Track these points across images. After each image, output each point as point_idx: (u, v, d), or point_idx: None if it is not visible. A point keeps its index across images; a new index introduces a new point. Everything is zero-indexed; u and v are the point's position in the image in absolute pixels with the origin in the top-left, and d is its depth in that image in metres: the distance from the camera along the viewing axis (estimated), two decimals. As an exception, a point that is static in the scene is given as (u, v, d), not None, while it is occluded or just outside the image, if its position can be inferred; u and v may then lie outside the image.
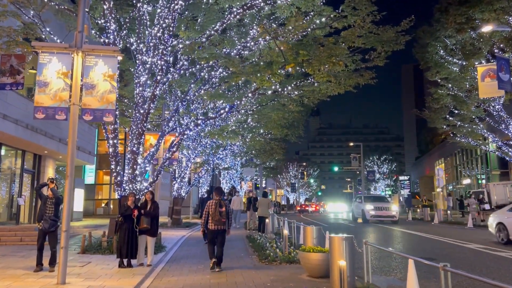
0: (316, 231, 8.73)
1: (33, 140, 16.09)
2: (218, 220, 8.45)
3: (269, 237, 13.35)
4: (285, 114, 15.33)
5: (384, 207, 25.05)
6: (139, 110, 11.95)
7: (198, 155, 22.78)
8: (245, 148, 24.72)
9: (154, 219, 9.46)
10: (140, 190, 11.96)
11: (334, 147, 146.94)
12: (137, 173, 11.88)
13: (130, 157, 11.81)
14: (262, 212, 15.76)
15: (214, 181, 50.57)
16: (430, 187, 65.09)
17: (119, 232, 9.30)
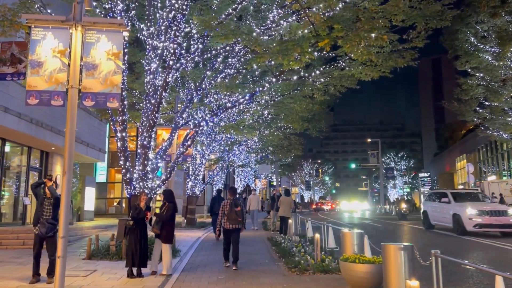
0: (357, 236, 7.42)
1: (38, 136, 15.06)
2: (234, 219, 8.65)
3: (294, 240, 12.07)
4: (308, 104, 14.02)
5: (498, 211, 15.27)
6: (150, 100, 10.77)
7: (212, 152, 21.59)
8: (261, 144, 23.40)
9: (166, 223, 8.23)
10: (152, 188, 10.79)
11: (348, 144, 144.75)
12: (149, 169, 10.72)
13: (141, 152, 10.65)
14: (284, 212, 14.49)
15: (228, 179, 49.50)
16: (450, 185, 62.96)
17: (128, 237, 8.12)
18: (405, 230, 18.79)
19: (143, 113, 11.03)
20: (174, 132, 11.41)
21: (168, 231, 8.21)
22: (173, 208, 8.39)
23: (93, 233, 15.98)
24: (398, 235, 16.51)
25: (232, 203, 8.73)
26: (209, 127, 19.74)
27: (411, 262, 5.37)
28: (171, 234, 8.32)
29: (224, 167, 25.22)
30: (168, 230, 8.25)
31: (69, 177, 6.45)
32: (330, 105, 19.31)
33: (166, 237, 8.17)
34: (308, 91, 13.12)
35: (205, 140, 20.14)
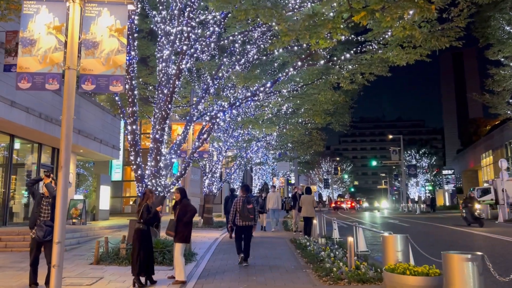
0: (401, 241, 6.32)
1: (48, 132, 14.34)
2: (246, 216, 8.74)
3: (320, 243, 11.02)
4: (333, 95, 12.94)
5: None
6: (163, 90, 9.87)
7: (230, 148, 20.65)
8: (281, 140, 22.33)
9: (180, 222, 7.36)
10: (165, 186, 9.89)
11: (367, 141, 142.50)
12: (162, 165, 9.82)
13: (153, 147, 9.76)
14: (307, 211, 13.44)
15: (245, 177, 48.61)
16: (474, 182, 60.78)
17: (137, 242, 7.18)
18: (445, 232, 17.54)
19: (155, 104, 10.15)
20: (189, 125, 10.48)
21: (183, 231, 7.30)
22: (185, 206, 7.50)
23: (106, 234, 15.22)
24: (442, 238, 15.30)
25: (245, 200, 8.83)
26: (226, 120, 18.83)
27: (481, 276, 4.29)
28: (188, 233, 7.42)
29: (242, 164, 24.28)
30: (183, 229, 7.35)
31: (66, 173, 5.56)
32: (354, 98, 18.14)
33: (180, 237, 7.26)
34: (333, 79, 12.03)
35: (222, 136, 19.22)
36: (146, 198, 7.61)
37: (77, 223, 16.93)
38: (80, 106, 17.08)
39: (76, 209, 17.28)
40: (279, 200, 16.83)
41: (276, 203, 16.47)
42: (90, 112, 17.88)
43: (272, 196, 16.62)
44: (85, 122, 17.37)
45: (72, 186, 17.94)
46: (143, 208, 7.37)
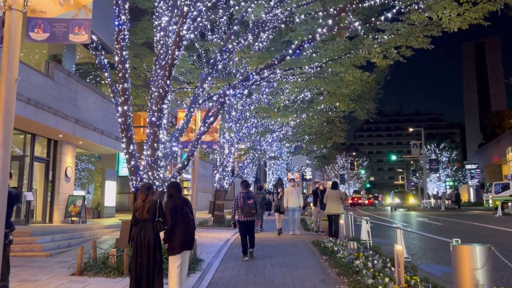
0: (482, 254, 4.47)
1: (39, 120, 12.79)
2: (248, 212, 8.81)
3: (351, 248, 9.22)
4: (362, 75, 11.08)
5: None
6: (160, 64, 8.17)
7: (242, 140, 18.94)
8: (298, 130, 20.43)
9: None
10: (164, 179, 8.20)
11: (383, 136, 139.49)
12: (160, 155, 8.13)
13: (149, 132, 8.07)
14: (332, 208, 11.65)
15: (259, 172, 46.92)
16: (498, 177, 57.97)
17: (133, 246, 5.77)
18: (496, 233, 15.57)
19: (152, 82, 8.45)
20: (193, 107, 8.76)
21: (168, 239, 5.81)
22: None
23: (105, 234, 13.67)
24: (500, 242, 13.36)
25: (245, 196, 8.93)
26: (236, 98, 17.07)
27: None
28: (172, 242, 5.80)
29: (255, 158, 22.55)
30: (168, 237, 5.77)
31: (6, 154, 3.88)
32: (381, 82, 16.20)
33: (168, 247, 5.69)
34: (363, 55, 10.17)
35: (233, 126, 17.51)
36: (152, 193, 6.05)
37: (77, 221, 15.47)
38: (77, 93, 15.53)
39: (75, 206, 15.79)
40: (300, 197, 13.44)
41: (297, 200, 13.24)
42: (89, 100, 16.31)
43: (292, 191, 13.38)
44: (83, 111, 15.81)
45: (71, 181, 16.42)
46: (160, 206, 5.89)
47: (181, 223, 5.74)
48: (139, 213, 5.79)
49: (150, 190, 6.16)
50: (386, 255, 8.47)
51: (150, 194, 6.01)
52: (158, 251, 6.06)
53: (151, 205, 5.81)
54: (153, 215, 5.77)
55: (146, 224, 5.80)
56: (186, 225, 5.79)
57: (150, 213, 5.75)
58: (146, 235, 5.76)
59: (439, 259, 9.25)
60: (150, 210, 5.76)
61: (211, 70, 8.82)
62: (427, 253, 10.11)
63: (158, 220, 5.82)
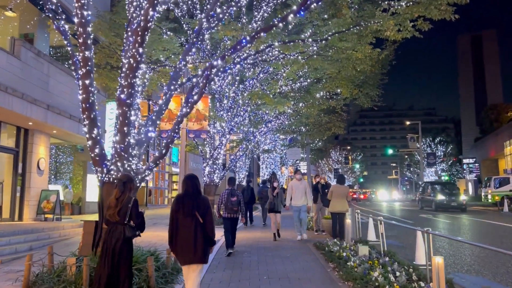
0: None
1: (1, 104, 11.17)
2: (231, 209, 8.82)
3: (362, 253, 7.78)
4: (373, 52, 9.60)
5: None
6: (132, 28, 6.61)
7: (234, 131, 17.43)
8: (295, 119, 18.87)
9: None
10: (137, 171, 6.68)
11: (376, 130, 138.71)
12: (132, 141, 6.60)
13: (118, 113, 6.53)
14: (338, 205, 10.19)
15: (252, 166, 45.46)
16: (494, 171, 57.08)
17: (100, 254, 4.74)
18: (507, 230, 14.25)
19: (124, 52, 6.89)
20: (173, 84, 7.21)
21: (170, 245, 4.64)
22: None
23: (79, 233, 12.10)
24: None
25: (229, 192, 8.90)
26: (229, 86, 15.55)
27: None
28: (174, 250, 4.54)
29: (249, 150, 21.05)
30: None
31: None
32: (385, 67, 14.73)
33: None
34: (376, 27, 8.68)
35: (225, 114, 15.97)
36: (129, 189, 4.85)
37: (50, 219, 13.90)
38: (49, 76, 13.88)
39: (48, 201, 14.20)
40: (308, 193, 10.80)
41: (303, 197, 10.63)
42: (63, 83, 14.65)
43: (297, 187, 10.65)
44: (56, 96, 14.17)
45: (45, 174, 14.81)
46: (132, 205, 4.72)
47: (183, 230, 4.34)
48: (110, 213, 4.64)
49: (127, 186, 4.81)
50: (406, 263, 7.04)
51: (127, 190, 4.79)
52: (125, 262, 4.67)
53: (123, 204, 4.66)
54: (124, 216, 4.63)
55: (116, 227, 4.62)
56: (188, 234, 4.33)
57: (121, 215, 4.63)
58: (112, 241, 4.60)
59: (468, 267, 7.83)
60: (122, 210, 4.63)
61: (195, 39, 7.27)
62: (449, 259, 8.70)
63: (127, 224, 4.63)
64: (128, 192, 4.75)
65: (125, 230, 4.59)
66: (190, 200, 4.36)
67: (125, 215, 4.59)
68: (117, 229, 4.59)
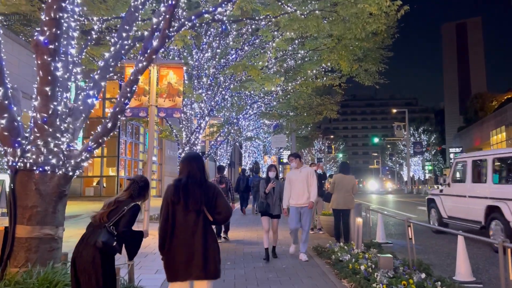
0: None
1: None
2: None
3: (384, 265, 5.79)
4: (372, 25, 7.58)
5: None
6: None
7: (214, 113, 15.26)
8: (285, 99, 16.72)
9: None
10: (68, 155, 4.52)
11: (358, 120, 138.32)
12: (60, 110, 4.43)
13: (38, 65, 4.32)
14: (341, 200, 8.22)
15: (234, 155, 43.39)
16: (478, 161, 56.52)
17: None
18: None
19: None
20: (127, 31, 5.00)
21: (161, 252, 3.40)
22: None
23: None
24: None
25: (218, 180, 9.09)
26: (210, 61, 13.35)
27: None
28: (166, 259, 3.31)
29: (230, 135, 18.92)
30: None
31: None
32: (388, 44, 12.79)
33: None
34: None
35: (204, 94, 13.78)
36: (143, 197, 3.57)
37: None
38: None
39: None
40: (312, 184, 7.08)
41: (306, 192, 7.04)
42: (11, 54, 12.19)
43: (296, 178, 7.13)
44: None
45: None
46: (129, 209, 3.30)
47: (183, 230, 3.18)
48: (100, 213, 3.30)
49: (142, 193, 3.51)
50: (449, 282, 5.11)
51: (141, 197, 3.51)
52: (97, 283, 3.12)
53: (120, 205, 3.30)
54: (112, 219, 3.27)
55: (94, 231, 3.22)
56: (191, 236, 3.16)
57: (110, 217, 3.27)
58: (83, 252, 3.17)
59: None
60: (114, 211, 3.28)
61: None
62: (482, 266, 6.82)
63: (108, 226, 3.20)
64: (139, 199, 3.47)
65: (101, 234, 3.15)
66: (198, 188, 3.19)
67: (113, 218, 3.24)
68: (95, 233, 3.19)
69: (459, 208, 9.75)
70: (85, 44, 5.81)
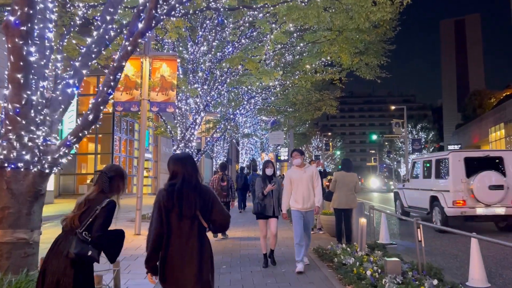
0: None
1: None
2: (220, 193, 8.81)
3: (392, 269, 5.37)
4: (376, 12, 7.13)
5: None
6: None
7: (209, 108, 14.80)
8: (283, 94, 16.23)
9: None
10: (45, 150, 4.06)
11: (355, 117, 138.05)
12: (36, 100, 3.96)
13: (9, 49, 3.85)
14: (343, 199, 7.80)
15: (231, 152, 42.96)
16: (476, 159, 56.26)
17: None
18: None
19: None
20: (111, 14, 4.54)
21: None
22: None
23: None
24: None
25: (220, 178, 9.12)
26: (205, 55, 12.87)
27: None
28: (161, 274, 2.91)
29: (227, 132, 18.46)
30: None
31: None
32: (391, 37, 12.36)
33: None
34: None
35: (200, 88, 13.31)
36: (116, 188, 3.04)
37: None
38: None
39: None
40: (317, 186, 6.29)
41: (311, 194, 6.22)
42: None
43: (299, 177, 6.26)
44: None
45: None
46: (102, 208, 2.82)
47: (179, 239, 2.85)
48: (70, 217, 2.83)
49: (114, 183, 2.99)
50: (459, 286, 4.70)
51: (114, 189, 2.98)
52: None
53: (92, 205, 2.83)
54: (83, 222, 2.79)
55: (66, 238, 2.78)
56: (187, 244, 2.84)
57: (82, 220, 2.80)
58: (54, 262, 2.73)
59: None
60: (85, 213, 2.81)
61: None
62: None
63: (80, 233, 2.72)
64: (112, 192, 2.96)
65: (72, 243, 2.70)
66: (192, 192, 2.89)
67: (85, 221, 2.77)
68: (67, 240, 2.75)
69: (415, 198, 12.26)
70: (67, 30, 5.34)
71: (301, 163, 6.41)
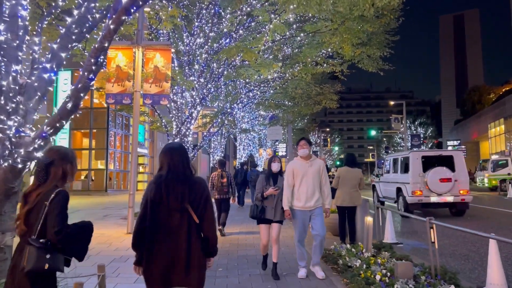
0: None
1: None
2: (221, 190, 9.02)
3: (404, 273, 4.94)
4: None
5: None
6: None
7: (206, 101, 14.32)
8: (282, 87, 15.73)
9: None
10: (17, 143, 3.58)
11: (353, 113, 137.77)
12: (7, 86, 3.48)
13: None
14: (347, 197, 7.39)
15: (228, 147, 42.51)
16: (475, 154, 56.03)
17: None
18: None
19: None
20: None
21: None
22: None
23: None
24: None
25: (220, 175, 9.09)
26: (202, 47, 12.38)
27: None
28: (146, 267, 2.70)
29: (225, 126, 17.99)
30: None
31: None
32: (394, 28, 11.91)
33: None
34: None
35: (196, 81, 12.83)
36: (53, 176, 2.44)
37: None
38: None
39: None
40: (325, 183, 5.68)
41: (317, 191, 5.54)
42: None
43: (304, 171, 5.55)
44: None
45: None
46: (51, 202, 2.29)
47: (166, 234, 2.65)
48: (18, 228, 2.39)
49: (51, 170, 2.45)
50: None
51: (52, 178, 2.44)
52: None
53: (36, 202, 2.34)
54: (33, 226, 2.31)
55: (22, 248, 2.33)
56: (175, 240, 2.64)
57: (30, 224, 2.34)
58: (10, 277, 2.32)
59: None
60: (32, 215, 2.34)
61: None
62: None
63: (35, 241, 2.24)
64: (52, 181, 2.42)
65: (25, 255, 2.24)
66: (179, 184, 2.69)
67: (35, 224, 2.30)
68: (22, 250, 2.32)
69: (386, 190, 14.66)
70: (48, 12, 4.86)
71: (308, 155, 5.64)
